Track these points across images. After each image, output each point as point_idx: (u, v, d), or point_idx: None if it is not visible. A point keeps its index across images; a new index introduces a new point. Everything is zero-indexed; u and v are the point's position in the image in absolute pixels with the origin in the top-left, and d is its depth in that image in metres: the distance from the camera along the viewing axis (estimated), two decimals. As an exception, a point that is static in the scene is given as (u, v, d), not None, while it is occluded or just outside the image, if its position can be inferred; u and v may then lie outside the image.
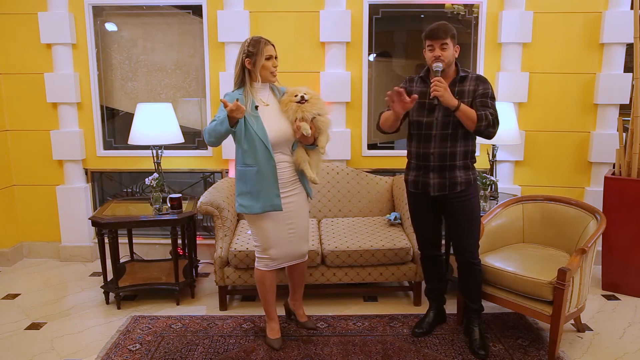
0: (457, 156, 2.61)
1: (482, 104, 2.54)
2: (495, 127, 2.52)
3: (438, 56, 2.53)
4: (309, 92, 2.57)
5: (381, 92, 4.04)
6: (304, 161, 2.60)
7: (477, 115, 2.49)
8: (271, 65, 2.55)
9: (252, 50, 2.50)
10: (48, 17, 3.74)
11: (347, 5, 3.72)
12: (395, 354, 2.69)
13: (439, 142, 2.60)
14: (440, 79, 2.47)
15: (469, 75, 2.62)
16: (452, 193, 2.63)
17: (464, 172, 2.63)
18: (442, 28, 2.53)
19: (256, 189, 2.54)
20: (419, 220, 2.84)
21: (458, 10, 3.82)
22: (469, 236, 2.68)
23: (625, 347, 2.79)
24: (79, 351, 2.76)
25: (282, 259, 2.68)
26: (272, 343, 2.77)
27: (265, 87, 2.62)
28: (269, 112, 2.57)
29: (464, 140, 2.61)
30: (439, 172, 2.63)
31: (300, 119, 2.52)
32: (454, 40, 2.56)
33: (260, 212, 2.56)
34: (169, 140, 3.52)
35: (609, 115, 3.75)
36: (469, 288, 2.77)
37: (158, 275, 3.48)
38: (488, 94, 2.57)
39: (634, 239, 3.35)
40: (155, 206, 3.38)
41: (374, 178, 3.79)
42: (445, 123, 2.58)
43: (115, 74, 3.99)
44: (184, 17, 3.92)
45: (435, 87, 2.44)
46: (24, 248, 4.17)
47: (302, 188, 2.70)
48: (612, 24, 3.61)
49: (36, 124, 3.96)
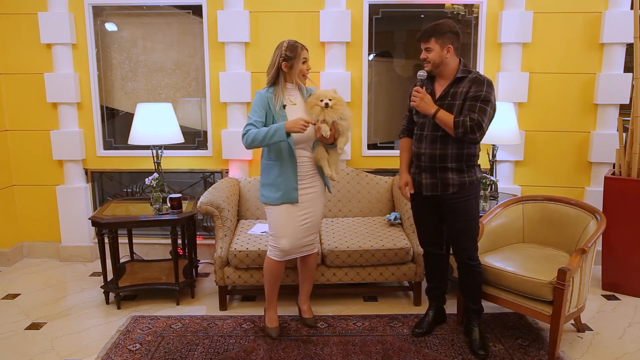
0: (449, 158, 2.57)
1: (469, 107, 2.47)
2: (476, 133, 2.44)
3: (424, 58, 2.54)
4: (334, 97, 2.71)
5: (382, 92, 4.05)
6: (323, 158, 2.77)
7: (454, 122, 2.46)
8: (305, 68, 2.73)
9: (290, 55, 2.66)
10: (48, 17, 3.74)
11: (347, 5, 3.72)
12: (395, 354, 2.69)
13: (430, 143, 2.60)
14: (419, 88, 2.53)
15: (467, 76, 2.55)
16: (445, 194, 2.62)
17: (457, 174, 2.59)
18: (425, 30, 2.51)
19: (277, 182, 2.72)
20: (419, 217, 2.85)
21: (458, 10, 3.83)
22: (465, 238, 2.67)
23: (625, 347, 2.79)
24: (79, 351, 2.76)
25: (292, 251, 2.81)
26: (270, 332, 2.87)
27: (295, 87, 2.79)
28: (295, 111, 2.73)
29: (457, 143, 2.55)
30: (430, 172, 2.63)
31: (321, 120, 2.67)
32: (442, 40, 2.49)
33: (279, 204, 2.73)
34: (169, 140, 3.52)
35: (609, 115, 3.75)
36: (468, 288, 2.77)
37: (158, 275, 3.48)
38: (479, 96, 2.47)
39: (634, 239, 3.35)
40: (155, 206, 3.38)
41: (374, 178, 3.79)
42: (437, 125, 2.55)
43: (115, 74, 3.99)
44: (184, 17, 3.92)
45: (412, 98, 2.54)
46: (24, 248, 4.17)
47: (321, 182, 2.86)
48: (612, 24, 3.61)
49: (36, 124, 3.97)
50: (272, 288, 2.90)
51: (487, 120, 2.48)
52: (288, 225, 2.76)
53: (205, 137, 4.00)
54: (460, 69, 2.58)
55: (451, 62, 2.55)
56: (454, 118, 2.47)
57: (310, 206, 2.80)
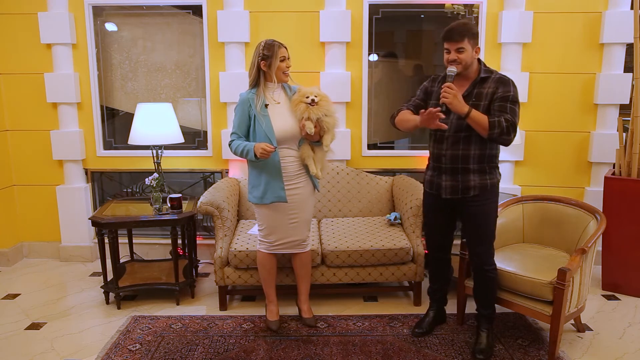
0: (471, 159, 2.51)
1: (500, 108, 2.41)
2: (511, 135, 2.39)
3: (454, 60, 2.43)
4: (319, 94, 2.71)
5: (382, 92, 4.04)
6: (308, 157, 2.78)
7: (489, 122, 2.37)
8: (284, 66, 2.73)
9: (267, 54, 2.68)
10: (48, 17, 3.74)
11: (347, 5, 3.71)
12: (395, 354, 2.69)
13: (452, 144, 2.53)
14: (451, 84, 2.40)
15: (490, 76, 2.49)
16: (465, 197, 2.56)
17: (479, 176, 2.53)
18: (458, 29, 2.41)
19: (264, 182, 2.76)
20: (431, 220, 2.80)
21: (458, 10, 3.82)
22: (481, 242, 2.62)
23: (625, 347, 2.79)
24: (79, 351, 2.76)
25: (282, 245, 2.88)
26: (270, 325, 2.94)
27: (278, 86, 2.80)
28: (279, 109, 2.76)
29: (480, 144, 2.50)
30: (452, 174, 2.56)
31: (306, 118, 2.67)
32: (473, 41, 2.44)
33: (267, 203, 2.77)
34: (169, 140, 3.52)
35: (609, 115, 3.75)
36: (480, 293, 2.73)
37: (158, 275, 3.48)
38: (508, 97, 2.42)
39: (634, 239, 3.35)
40: (155, 206, 3.38)
41: (374, 178, 3.79)
42: (459, 125, 2.49)
43: (115, 74, 3.99)
44: (184, 17, 3.92)
45: (444, 94, 2.39)
46: (24, 248, 4.17)
47: (309, 181, 2.87)
48: (612, 24, 3.60)
49: (36, 124, 3.96)
50: (267, 283, 2.97)
51: (518, 121, 2.44)
52: (277, 224, 2.82)
53: (205, 137, 4.00)
54: (482, 68, 2.52)
55: (475, 62, 2.51)
56: (488, 118, 2.38)
57: (298, 205, 2.83)
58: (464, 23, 2.46)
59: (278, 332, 2.90)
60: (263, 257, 2.93)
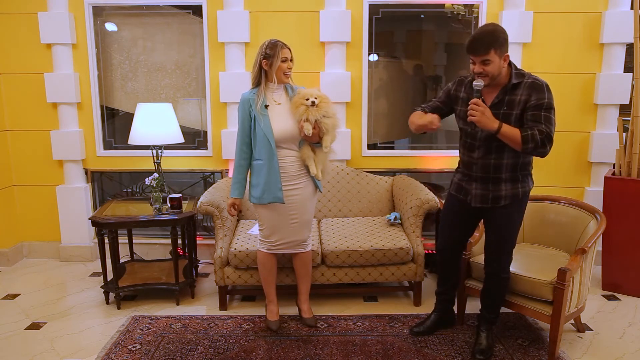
0: (503, 168, 2.41)
1: (534, 118, 2.26)
2: (547, 146, 2.25)
3: (480, 72, 2.28)
4: (319, 96, 2.71)
5: (382, 92, 4.05)
6: (308, 157, 2.78)
7: (522, 136, 2.23)
8: (286, 67, 2.72)
9: (270, 53, 2.69)
10: (48, 17, 3.74)
11: (347, 5, 3.71)
12: (395, 354, 2.69)
13: (483, 152, 2.42)
14: (478, 101, 2.26)
15: (523, 81, 2.32)
16: (495, 207, 2.47)
17: (511, 185, 2.43)
18: (481, 40, 2.23)
19: (263, 182, 2.76)
20: (449, 221, 2.73)
21: (458, 10, 3.82)
22: (502, 250, 2.55)
23: (625, 347, 2.79)
24: (79, 351, 2.76)
25: (282, 245, 2.88)
26: (270, 325, 2.94)
27: (280, 87, 2.81)
28: (279, 110, 2.76)
29: (513, 152, 2.36)
30: (482, 183, 2.47)
31: (305, 119, 2.67)
32: (501, 50, 2.24)
33: (266, 203, 2.78)
34: (169, 140, 3.52)
35: (609, 115, 3.75)
36: (489, 298, 2.69)
37: (158, 275, 3.48)
38: (542, 105, 2.26)
39: (634, 239, 3.35)
40: (155, 206, 3.38)
41: (374, 178, 3.79)
42: (490, 135, 2.35)
43: (115, 74, 3.99)
44: (184, 17, 3.92)
45: (471, 112, 2.27)
46: (24, 248, 4.17)
47: (310, 182, 2.86)
48: (612, 24, 3.60)
49: (36, 124, 3.96)
50: (267, 282, 2.98)
51: (554, 129, 2.30)
52: (277, 224, 2.83)
53: (205, 137, 4.00)
54: (512, 72, 2.35)
55: (505, 69, 2.34)
56: (520, 133, 2.25)
57: (299, 206, 2.83)
58: (489, 32, 2.25)
59: (278, 332, 2.91)
60: (263, 257, 2.93)
